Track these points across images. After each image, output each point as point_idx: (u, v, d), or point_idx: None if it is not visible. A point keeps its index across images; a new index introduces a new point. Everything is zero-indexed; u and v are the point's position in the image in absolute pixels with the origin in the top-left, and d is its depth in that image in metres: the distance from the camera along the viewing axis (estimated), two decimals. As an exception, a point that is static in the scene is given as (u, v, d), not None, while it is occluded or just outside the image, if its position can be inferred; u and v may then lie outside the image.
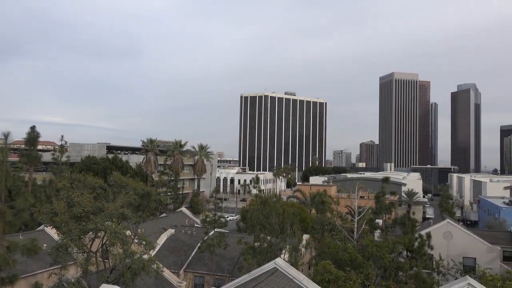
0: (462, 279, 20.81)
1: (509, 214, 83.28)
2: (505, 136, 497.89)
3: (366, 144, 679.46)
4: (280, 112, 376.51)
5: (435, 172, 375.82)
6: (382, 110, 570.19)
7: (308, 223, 48.54)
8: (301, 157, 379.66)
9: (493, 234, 51.76)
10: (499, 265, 40.95)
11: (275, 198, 37.95)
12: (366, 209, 41.82)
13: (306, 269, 38.46)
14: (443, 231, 43.35)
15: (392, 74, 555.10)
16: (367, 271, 30.05)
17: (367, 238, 34.65)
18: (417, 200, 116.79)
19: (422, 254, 35.58)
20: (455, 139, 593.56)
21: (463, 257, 41.88)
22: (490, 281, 30.24)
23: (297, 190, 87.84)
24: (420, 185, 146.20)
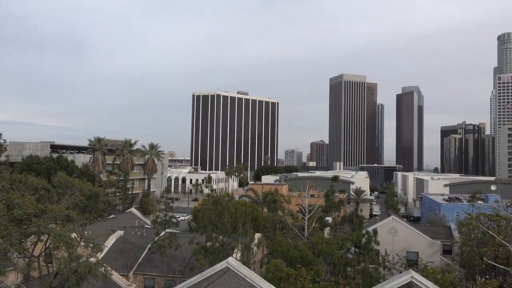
0: (406, 273, 21.77)
1: (448, 210, 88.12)
2: (445, 136, 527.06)
3: (317, 144, 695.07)
4: (233, 111, 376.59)
5: (381, 170, 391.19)
6: (332, 111, 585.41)
7: (260, 222, 48.91)
8: (253, 157, 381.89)
9: (434, 229, 54.58)
10: (439, 258, 43.27)
11: (228, 197, 37.90)
12: (316, 207, 42.73)
13: (258, 267, 38.71)
14: (388, 227, 45.19)
15: (342, 75, 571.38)
16: (317, 267, 30.72)
17: (317, 235, 35.44)
18: (365, 198, 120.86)
19: (369, 249, 36.88)
20: (400, 139, 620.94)
21: (407, 251, 43.86)
22: (431, 274, 31.90)
23: (249, 189, 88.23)
24: (367, 183, 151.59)
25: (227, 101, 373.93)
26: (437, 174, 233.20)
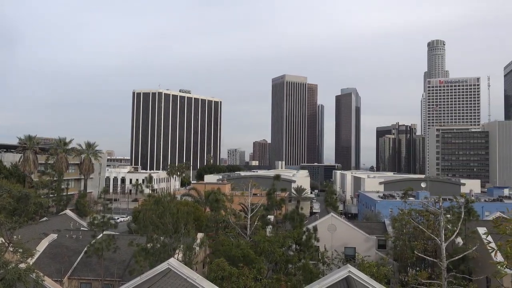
0: (344, 268, 22.55)
1: (383, 206, 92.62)
2: (380, 136, 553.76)
3: (259, 143, 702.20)
4: (175, 110, 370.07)
5: (321, 169, 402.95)
6: (274, 111, 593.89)
7: (203, 221, 48.50)
8: (196, 156, 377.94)
9: (370, 225, 57.07)
10: (374, 253, 45.32)
11: (169, 197, 37.18)
12: (258, 206, 43.10)
13: (200, 267, 38.35)
14: (328, 224, 46.62)
15: (284, 76, 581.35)
16: (259, 266, 31.01)
17: (259, 234, 35.76)
18: (305, 196, 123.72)
19: (309, 246, 37.81)
20: (339, 139, 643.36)
21: (345, 247, 45.50)
22: (367, 268, 33.37)
23: (192, 188, 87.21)
24: (308, 181, 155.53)
25: (169, 99, 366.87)
26: (373, 173, 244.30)
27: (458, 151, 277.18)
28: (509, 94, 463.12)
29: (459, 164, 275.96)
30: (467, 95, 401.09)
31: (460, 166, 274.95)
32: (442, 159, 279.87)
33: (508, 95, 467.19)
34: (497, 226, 10.65)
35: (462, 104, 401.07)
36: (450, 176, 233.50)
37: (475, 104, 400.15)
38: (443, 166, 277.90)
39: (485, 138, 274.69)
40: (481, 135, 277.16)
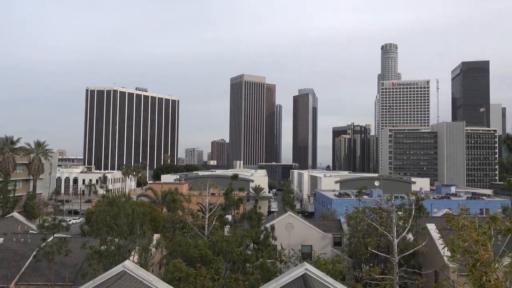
0: (301, 265, 22.85)
1: (338, 205, 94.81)
2: (336, 136, 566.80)
3: (218, 143, 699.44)
4: (131, 108, 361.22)
5: (279, 168, 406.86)
6: (232, 110, 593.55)
7: (160, 222, 47.66)
8: (152, 155, 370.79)
9: (326, 223, 58.21)
10: (330, 250, 46.32)
11: (124, 198, 36.22)
12: (216, 205, 42.90)
13: (157, 269, 37.65)
14: (285, 223, 47.14)
15: (242, 75, 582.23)
16: (217, 265, 30.87)
17: (217, 234, 35.59)
18: (263, 195, 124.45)
19: (267, 245, 38.05)
20: (296, 138, 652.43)
21: (301, 245, 46.16)
22: (323, 265, 34.05)
23: (148, 189, 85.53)
24: (266, 181, 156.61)
25: (125, 97, 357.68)
26: (329, 172, 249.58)
27: (409, 150, 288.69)
28: (456, 97, 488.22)
29: (410, 163, 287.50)
30: (417, 97, 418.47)
31: (411, 165, 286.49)
32: (394, 159, 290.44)
33: (455, 97, 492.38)
34: (449, 221, 11.13)
35: (413, 106, 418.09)
36: (402, 174, 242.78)
37: (425, 105, 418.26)
38: (395, 165, 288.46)
39: (434, 138, 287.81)
40: (430, 135, 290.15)
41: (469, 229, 10.24)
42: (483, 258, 9.65)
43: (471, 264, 9.81)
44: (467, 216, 11.04)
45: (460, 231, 10.33)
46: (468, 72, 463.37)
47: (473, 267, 9.73)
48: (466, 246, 10.02)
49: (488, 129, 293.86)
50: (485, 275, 9.43)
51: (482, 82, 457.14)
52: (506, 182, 29.58)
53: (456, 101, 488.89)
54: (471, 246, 9.94)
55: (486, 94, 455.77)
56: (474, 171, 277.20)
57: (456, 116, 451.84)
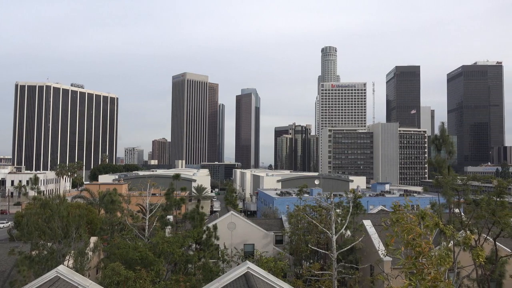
0: (243, 264, 22.93)
1: (280, 203, 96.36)
2: (278, 136, 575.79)
3: (159, 142, 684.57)
4: (66, 105, 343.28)
5: (221, 168, 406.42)
6: (174, 108, 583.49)
7: (97, 224, 45.76)
8: (89, 155, 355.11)
9: (268, 221, 58.86)
10: (272, 248, 46.95)
11: (58, 199, 34.36)
12: (157, 206, 41.97)
13: (94, 273, 36.11)
14: (228, 222, 47.10)
15: (185, 74, 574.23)
16: (158, 267, 30.19)
17: (158, 235, 34.81)
18: (206, 194, 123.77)
19: (209, 245, 37.80)
20: (239, 138, 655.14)
21: (244, 244, 46.38)
22: (265, 263, 34.43)
23: (85, 189, 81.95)
24: (208, 180, 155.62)
25: (59, 93, 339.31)
26: (271, 171, 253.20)
27: (347, 150, 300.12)
28: (390, 99, 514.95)
29: (348, 162, 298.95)
30: (355, 99, 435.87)
31: (349, 164, 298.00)
32: (333, 158, 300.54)
33: (389, 99, 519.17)
34: (396, 212, 11.64)
35: (351, 107, 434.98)
36: (341, 173, 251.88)
37: (362, 107, 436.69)
38: (334, 164, 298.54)
39: (370, 138, 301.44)
40: (367, 135, 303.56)
41: (413, 222, 10.78)
42: (426, 251, 10.18)
43: (414, 257, 10.30)
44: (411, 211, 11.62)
45: (404, 225, 10.84)
46: (401, 76, 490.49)
47: (415, 259, 10.22)
48: (409, 239, 10.52)
49: (418, 130, 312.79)
50: (426, 268, 9.94)
51: (413, 86, 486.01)
52: (435, 180, 31.58)
53: (390, 103, 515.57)
54: (414, 239, 10.44)
55: (417, 97, 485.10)
56: (406, 169, 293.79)
57: (390, 118, 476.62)
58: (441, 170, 30.79)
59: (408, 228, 10.57)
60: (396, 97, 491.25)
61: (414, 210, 11.77)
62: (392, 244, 11.09)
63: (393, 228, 10.99)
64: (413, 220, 10.78)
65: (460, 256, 29.11)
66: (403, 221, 10.92)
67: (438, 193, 31.37)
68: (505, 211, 30.24)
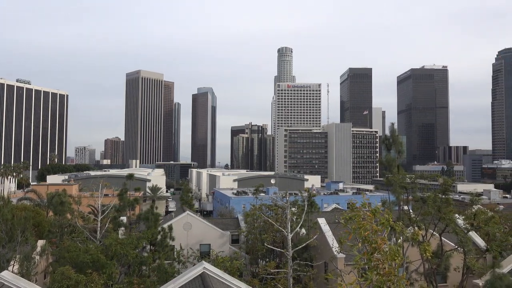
0: (199, 265, 22.77)
1: (236, 203, 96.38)
2: (235, 135, 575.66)
3: (112, 141, 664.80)
4: (10, 102, 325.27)
5: (177, 167, 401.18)
6: (128, 107, 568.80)
7: (45, 227, 43.71)
8: (37, 154, 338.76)
9: (224, 221, 58.80)
10: (228, 248, 46.89)
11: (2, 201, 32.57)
12: (110, 207, 40.78)
13: (42, 278, 34.50)
14: (183, 223, 46.55)
15: (139, 71, 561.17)
16: (110, 270, 29.32)
17: (110, 236, 33.83)
18: (161, 195, 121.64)
19: (164, 246, 37.18)
20: (195, 137, 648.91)
21: (200, 244, 46.02)
22: (221, 263, 34.34)
23: (31, 191, 78.17)
24: (163, 180, 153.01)
25: (3, 89, 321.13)
26: (228, 170, 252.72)
27: (303, 149, 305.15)
28: (344, 100, 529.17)
29: (303, 162, 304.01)
30: (310, 99, 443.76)
31: (304, 163, 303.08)
32: (289, 157, 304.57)
33: (343, 100, 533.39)
34: (352, 210, 11.94)
35: (306, 107, 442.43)
36: (296, 172, 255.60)
37: (317, 107, 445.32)
38: (290, 163, 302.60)
39: (325, 138, 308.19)
40: (321, 135, 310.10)
41: (369, 219, 11.13)
42: (380, 247, 10.52)
43: (369, 253, 10.61)
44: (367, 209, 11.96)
45: (360, 222, 11.16)
46: (354, 78, 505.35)
47: (371, 255, 10.54)
48: (365, 235, 10.83)
49: (370, 130, 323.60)
50: (381, 263, 10.27)
51: (366, 88, 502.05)
52: (385, 179, 32.78)
53: (344, 104, 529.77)
54: (371, 235, 10.78)
55: (369, 98, 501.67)
56: (358, 168, 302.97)
57: (344, 118, 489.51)
58: (391, 169, 31.98)
59: (364, 225, 10.90)
60: (349, 98, 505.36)
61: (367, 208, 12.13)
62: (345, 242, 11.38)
63: (351, 225, 11.31)
64: (369, 217, 11.13)
65: (409, 251, 30.38)
66: (359, 218, 11.25)
67: (389, 191, 32.57)
68: (450, 208, 31.91)
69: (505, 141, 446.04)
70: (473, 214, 34.18)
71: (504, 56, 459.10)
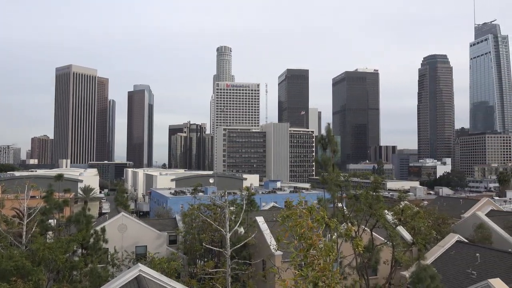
0: (135, 267, 22.06)
1: (174, 202, 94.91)
2: (173, 134, 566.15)
3: (39, 139, 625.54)
4: None
5: (112, 167, 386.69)
6: (58, 103, 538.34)
7: (-39, 233, 40.10)
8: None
9: (162, 221, 57.58)
10: (165, 249, 45.93)
11: None
12: (37, 209, 38.30)
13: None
14: (118, 224, 44.88)
15: (70, 66, 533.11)
16: (37, 277, 27.52)
17: (37, 241, 31.78)
18: (94, 196, 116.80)
19: (97, 249, 35.63)
20: (131, 135, 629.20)
21: (136, 246, 44.64)
22: (158, 264, 33.56)
23: None
24: (97, 180, 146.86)
25: None
26: (165, 170, 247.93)
27: (241, 149, 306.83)
28: (282, 100, 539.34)
29: (242, 161, 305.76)
30: (249, 99, 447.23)
31: (243, 162, 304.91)
32: (228, 156, 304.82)
33: (281, 100, 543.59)
34: (289, 208, 12.11)
35: (245, 107, 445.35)
36: (235, 171, 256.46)
37: (256, 107, 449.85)
38: (229, 162, 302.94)
39: (263, 137, 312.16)
40: (260, 135, 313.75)
41: (306, 216, 11.36)
42: (316, 243, 10.79)
43: (305, 249, 10.86)
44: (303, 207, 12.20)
45: (297, 219, 11.37)
46: (292, 79, 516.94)
47: (307, 251, 10.79)
48: (301, 232, 11.06)
49: (307, 130, 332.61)
50: (316, 259, 10.54)
51: (303, 88, 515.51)
52: (321, 177, 33.84)
53: (282, 104, 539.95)
54: (306, 232, 11.03)
55: (306, 99, 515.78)
56: (296, 167, 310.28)
57: (282, 118, 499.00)
58: (327, 167, 33.05)
59: (300, 223, 11.13)
60: (287, 99, 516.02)
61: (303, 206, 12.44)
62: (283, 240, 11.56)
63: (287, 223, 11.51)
64: (306, 215, 11.39)
65: (342, 247, 31.57)
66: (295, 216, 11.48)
67: (324, 189, 33.62)
68: (380, 204, 33.61)
69: (429, 142, 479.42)
70: (401, 210, 36.28)
71: (429, 62, 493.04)
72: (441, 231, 44.96)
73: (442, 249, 35.75)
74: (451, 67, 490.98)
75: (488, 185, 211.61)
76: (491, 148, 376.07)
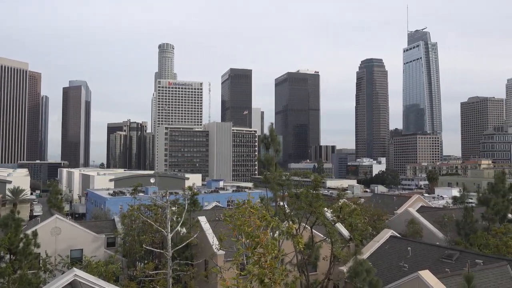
0: (69, 272, 21.09)
1: (113, 203, 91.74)
2: (111, 133, 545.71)
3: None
4: None
5: (44, 167, 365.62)
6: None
7: None
8: None
9: (99, 223, 55.44)
10: (103, 252, 44.22)
11: None
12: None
13: None
14: (51, 227, 42.54)
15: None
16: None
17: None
18: (24, 197, 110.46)
19: (27, 254, 33.52)
20: (66, 134, 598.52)
21: (71, 250, 42.56)
22: (95, 268, 32.29)
23: None
24: (28, 181, 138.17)
25: None
26: (103, 170, 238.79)
27: (184, 148, 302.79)
28: (225, 99, 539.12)
29: (184, 160, 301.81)
30: (192, 97, 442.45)
31: (185, 162, 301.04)
32: (169, 156, 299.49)
33: (224, 100, 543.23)
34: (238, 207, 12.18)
35: (188, 106, 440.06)
36: (177, 171, 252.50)
37: (199, 106, 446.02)
38: (170, 162, 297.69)
39: (206, 136, 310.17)
40: (203, 134, 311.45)
41: (254, 215, 11.46)
42: (263, 241, 10.93)
43: (252, 247, 10.98)
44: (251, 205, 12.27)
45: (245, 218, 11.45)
46: (235, 78, 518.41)
47: (254, 249, 10.92)
48: (249, 231, 11.17)
49: (250, 130, 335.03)
50: (263, 256, 10.70)
51: (246, 88, 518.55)
52: (263, 176, 34.23)
53: (225, 103, 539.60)
54: (254, 231, 11.16)
55: (249, 98, 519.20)
56: (238, 166, 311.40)
57: (225, 117, 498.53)
58: (269, 167, 33.48)
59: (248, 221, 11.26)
60: (230, 98, 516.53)
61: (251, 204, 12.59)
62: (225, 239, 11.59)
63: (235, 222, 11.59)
64: (254, 214, 11.54)
65: (284, 245, 32.15)
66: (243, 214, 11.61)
67: (266, 188, 34.04)
68: (320, 202, 34.64)
69: (366, 142, 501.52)
70: (339, 207, 37.63)
71: (366, 65, 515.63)
72: (377, 227, 47.17)
73: (377, 244, 37.51)
74: (386, 70, 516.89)
75: (419, 183, 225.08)
76: (422, 148, 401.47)
